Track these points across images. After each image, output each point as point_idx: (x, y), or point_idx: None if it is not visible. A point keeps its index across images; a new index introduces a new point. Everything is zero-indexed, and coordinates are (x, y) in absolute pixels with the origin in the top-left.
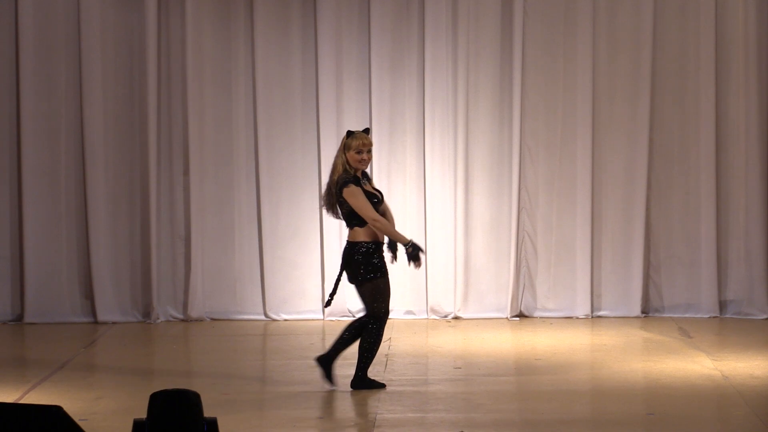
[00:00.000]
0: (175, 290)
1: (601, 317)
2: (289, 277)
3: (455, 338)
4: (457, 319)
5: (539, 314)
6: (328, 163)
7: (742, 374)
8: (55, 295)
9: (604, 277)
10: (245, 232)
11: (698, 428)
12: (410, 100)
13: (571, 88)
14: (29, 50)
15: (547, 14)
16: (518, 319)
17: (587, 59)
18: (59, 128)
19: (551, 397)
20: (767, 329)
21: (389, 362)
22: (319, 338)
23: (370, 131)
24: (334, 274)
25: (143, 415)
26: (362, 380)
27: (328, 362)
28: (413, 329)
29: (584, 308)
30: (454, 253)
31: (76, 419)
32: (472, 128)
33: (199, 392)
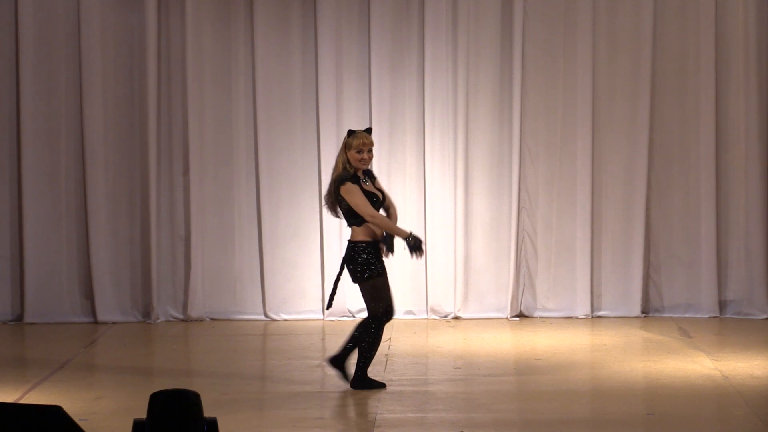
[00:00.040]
0: (175, 290)
1: (601, 317)
2: (289, 277)
3: (455, 338)
4: (457, 319)
5: (539, 314)
6: (328, 163)
7: (742, 374)
8: (55, 295)
9: (604, 277)
10: (245, 232)
11: (698, 428)
12: (410, 100)
13: (571, 88)
14: (29, 50)
15: (547, 14)
16: (518, 319)
17: (587, 59)
18: (59, 128)
19: (551, 397)
20: (767, 329)
21: (389, 362)
22: (319, 338)
23: (371, 131)
24: (334, 274)
25: (143, 415)
26: (362, 380)
27: (340, 362)
28: (413, 329)
29: (584, 308)
30: (454, 253)
31: (76, 419)
32: (472, 128)
33: (199, 392)
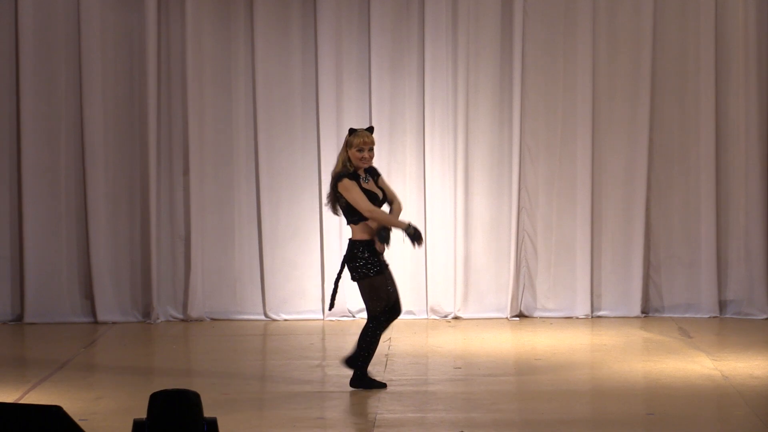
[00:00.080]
0: (175, 290)
1: (601, 317)
2: (289, 277)
3: (455, 338)
4: (457, 319)
5: (539, 314)
6: (328, 163)
7: (742, 374)
8: (55, 295)
9: (604, 277)
10: (245, 232)
11: (698, 428)
12: (410, 100)
13: (571, 88)
14: (29, 50)
15: (547, 14)
16: (518, 319)
17: (587, 59)
18: (59, 128)
19: (551, 397)
20: (767, 329)
21: (389, 362)
22: (319, 338)
23: (373, 130)
24: (334, 274)
25: (143, 415)
26: (361, 379)
27: (355, 362)
28: (413, 329)
29: (584, 308)
30: (454, 253)
31: (76, 419)
32: (472, 128)
33: (199, 392)
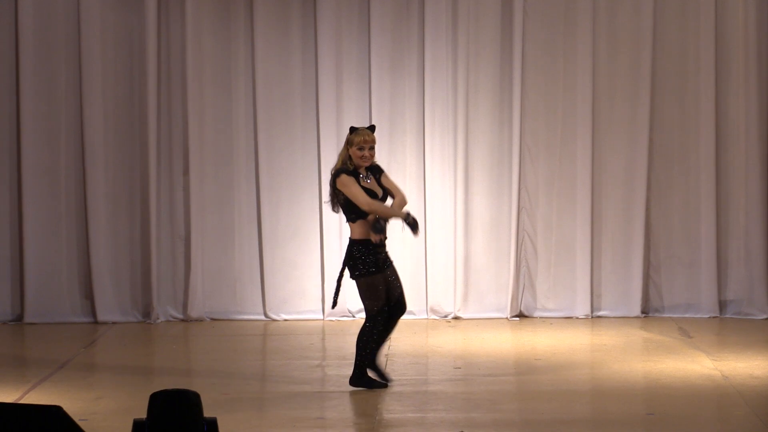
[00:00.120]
0: (175, 290)
1: (601, 317)
2: (289, 277)
3: (455, 338)
4: (457, 319)
5: (539, 314)
6: (328, 163)
7: (742, 374)
8: (55, 295)
9: (604, 277)
10: (245, 232)
11: (698, 428)
12: (410, 100)
13: (571, 88)
14: (29, 50)
15: (547, 14)
16: (518, 319)
17: (587, 59)
18: (59, 128)
19: (551, 397)
20: (767, 329)
21: (389, 362)
22: (319, 338)
23: (374, 128)
24: (334, 273)
25: (143, 415)
26: (359, 378)
27: (372, 362)
28: (413, 329)
29: (584, 308)
30: (454, 253)
31: (76, 419)
32: (472, 128)
33: (199, 392)
